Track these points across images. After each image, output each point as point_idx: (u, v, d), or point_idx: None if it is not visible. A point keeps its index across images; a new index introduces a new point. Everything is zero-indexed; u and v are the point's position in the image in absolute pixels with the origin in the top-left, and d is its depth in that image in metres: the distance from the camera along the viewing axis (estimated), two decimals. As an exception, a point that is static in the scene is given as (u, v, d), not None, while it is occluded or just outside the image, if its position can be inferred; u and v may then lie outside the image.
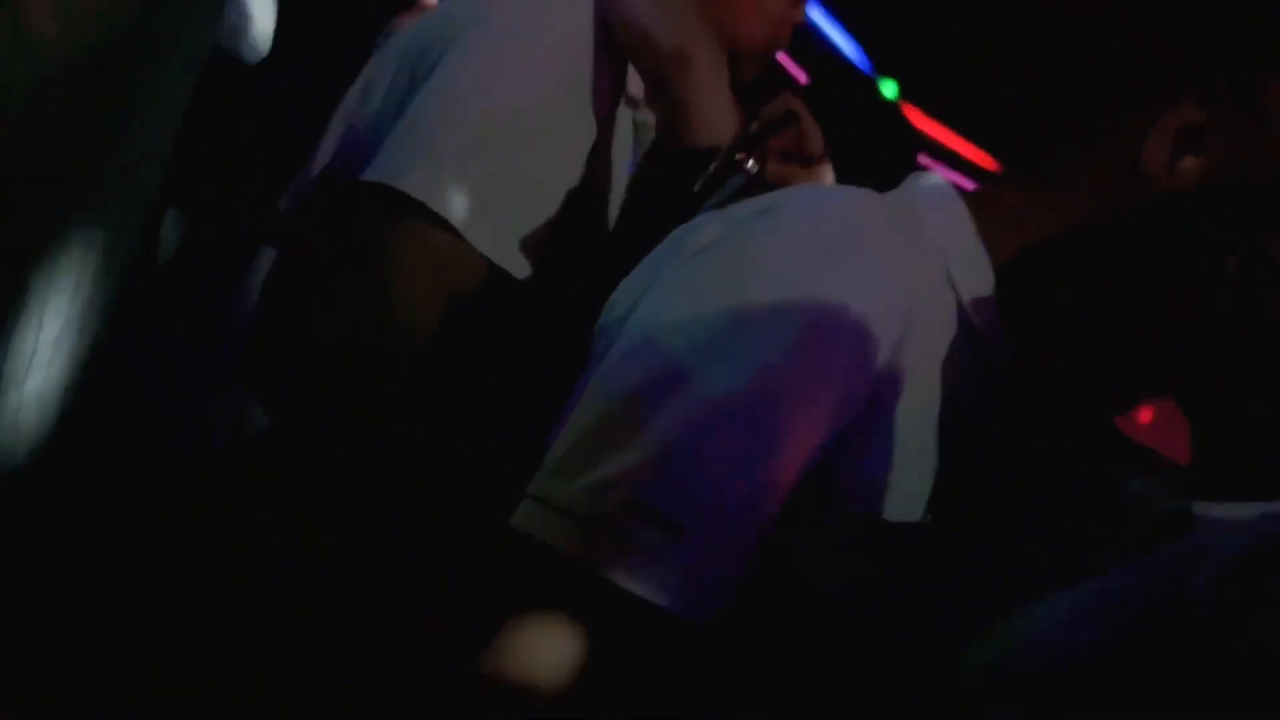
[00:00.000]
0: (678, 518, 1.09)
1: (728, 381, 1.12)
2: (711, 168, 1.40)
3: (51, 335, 1.15)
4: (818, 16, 4.35)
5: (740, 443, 1.11)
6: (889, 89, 4.69)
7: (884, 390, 1.16)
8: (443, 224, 1.43)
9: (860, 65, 4.49)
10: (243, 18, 1.92)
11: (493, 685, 1.10)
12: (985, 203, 1.24)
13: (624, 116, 1.59)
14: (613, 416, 1.13)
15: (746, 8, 1.67)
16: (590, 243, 1.56)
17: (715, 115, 1.51)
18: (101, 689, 1.35)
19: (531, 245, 1.49)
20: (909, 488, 1.20)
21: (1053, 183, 1.21)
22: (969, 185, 1.37)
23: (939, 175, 1.31)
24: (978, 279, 1.22)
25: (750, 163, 1.37)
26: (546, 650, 1.10)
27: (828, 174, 1.51)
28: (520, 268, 1.48)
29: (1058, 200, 1.21)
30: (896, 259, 1.17)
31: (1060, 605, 1.08)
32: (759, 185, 1.37)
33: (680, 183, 1.43)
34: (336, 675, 1.33)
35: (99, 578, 1.42)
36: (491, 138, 1.47)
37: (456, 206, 1.44)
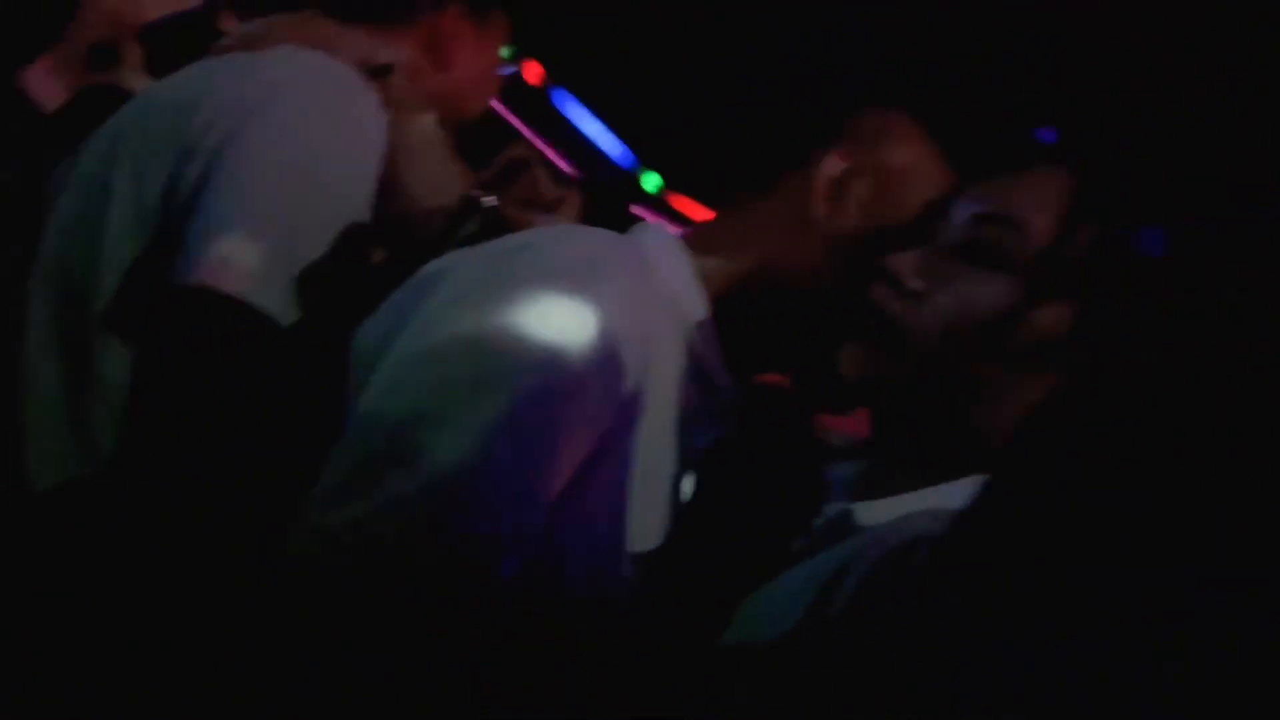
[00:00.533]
0: (451, 537, 1.18)
1: (490, 410, 1.19)
2: (456, 208, 1.51)
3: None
4: (579, 116, 4.51)
5: (505, 466, 1.20)
6: (651, 181, 4.85)
7: (629, 414, 1.28)
8: (263, 318, 1.48)
9: (621, 160, 4.65)
10: None
11: (291, 700, 1.17)
12: (698, 245, 1.42)
13: None
14: (383, 447, 1.21)
15: (474, 94, 1.81)
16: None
17: (443, 196, 1.60)
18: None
19: (317, 315, 1.54)
20: (649, 504, 1.33)
21: (748, 228, 1.41)
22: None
23: (660, 223, 1.49)
24: (697, 312, 1.38)
25: (488, 199, 1.49)
26: (339, 666, 1.17)
27: (563, 219, 1.62)
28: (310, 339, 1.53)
29: (754, 243, 1.40)
30: (637, 293, 1.30)
31: (763, 599, 1.23)
32: (498, 228, 1.48)
33: (411, 238, 1.54)
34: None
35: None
36: (298, 229, 1.51)
37: (273, 301, 1.50)
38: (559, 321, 1.23)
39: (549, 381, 1.21)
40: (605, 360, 1.23)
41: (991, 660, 0.91)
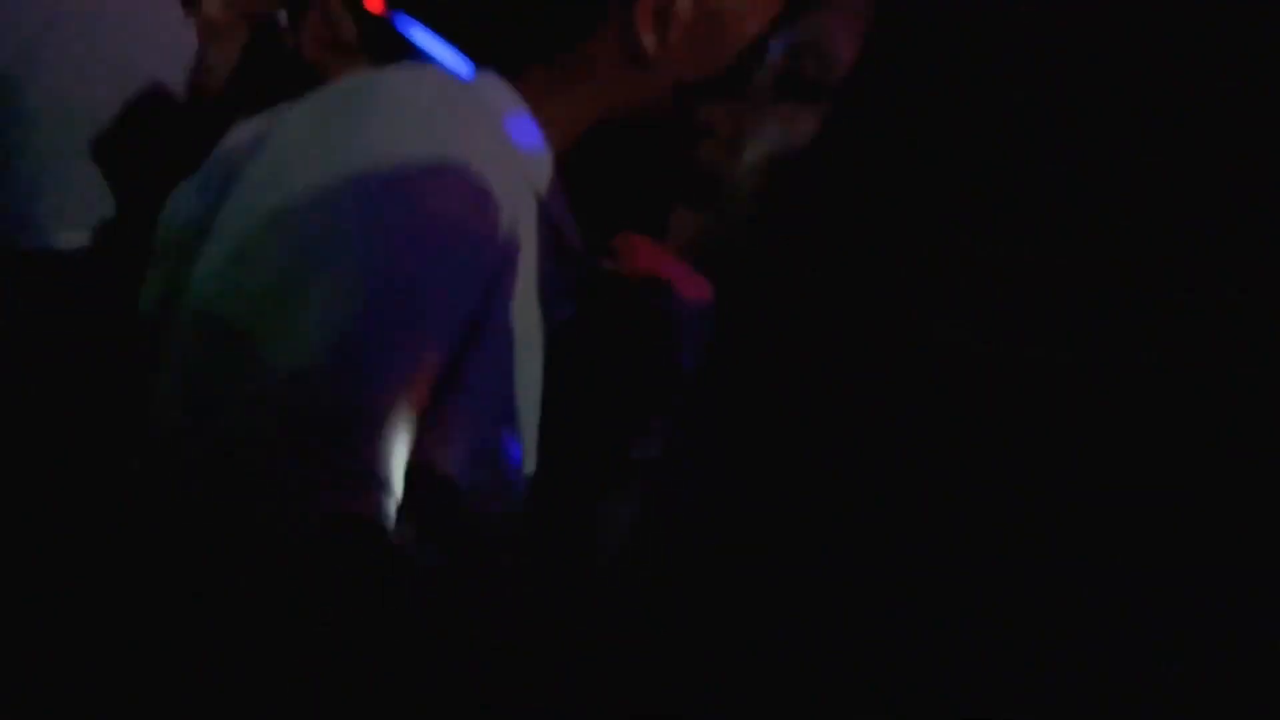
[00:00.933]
0: (318, 442, 1.02)
1: (354, 279, 1.04)
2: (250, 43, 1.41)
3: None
4: (411, 30, 4.43)
5: (377, 347, 1.05)
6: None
7: (502, 281, 1.14)
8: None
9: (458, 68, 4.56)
10: None
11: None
12: (532, 97, 1.26)
13: None
14: (229, 339, 1.05)
15: None
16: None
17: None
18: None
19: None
20: (526, 381, 1.17)
21: (580, 75, 1.26)
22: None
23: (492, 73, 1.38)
24: (544, 167, 1.24)
25: (289, 33, 1.37)
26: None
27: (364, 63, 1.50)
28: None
29: (588, 89, 1.26)
30: (495, 144, 1.16)
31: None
32: (300, 74, 1.37)
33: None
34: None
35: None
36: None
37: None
38: (424, 170, 1.07)
39: (419, 240, 1.05)
40: (476, 217, 1.08)
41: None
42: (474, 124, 1.14)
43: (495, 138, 1.16)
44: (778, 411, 0.97)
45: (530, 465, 1.14)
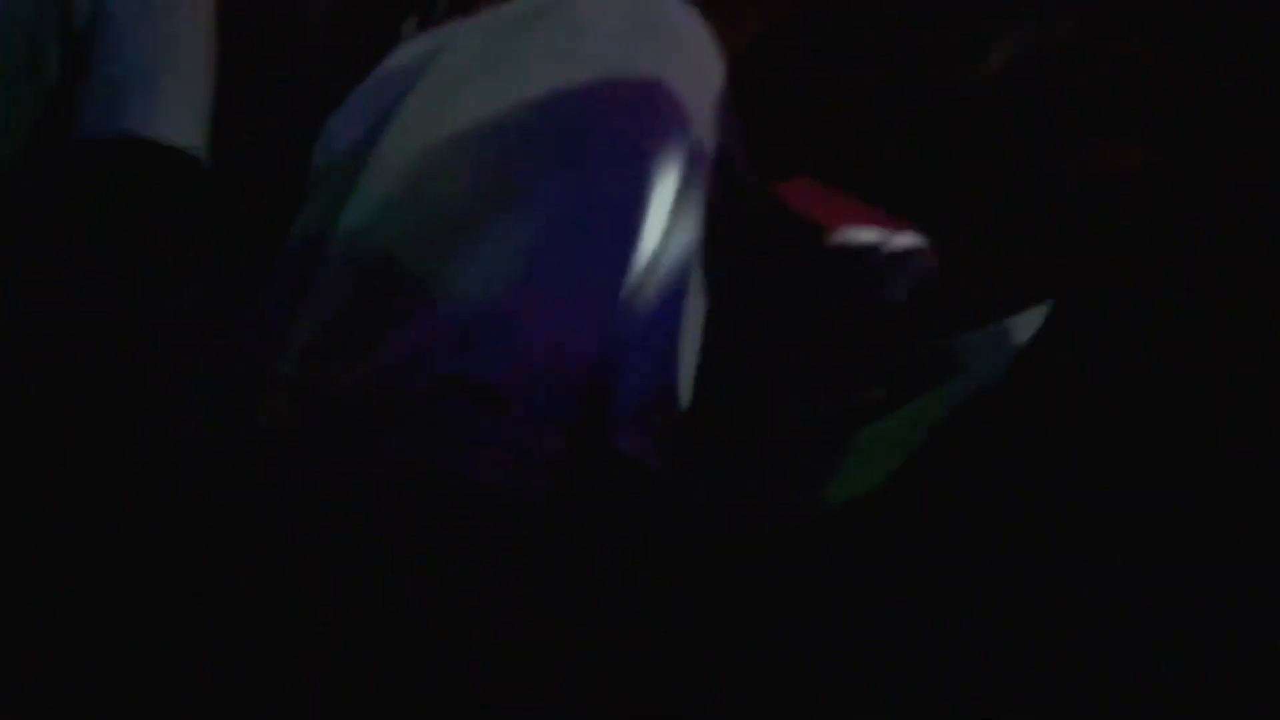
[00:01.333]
0: (498, 386, 0.95)
1: (536, 215, 0.97)
2: None
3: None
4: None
5: (567, 283, 0.97)
6: None
7: (687, 203, 1.04)
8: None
9: None
10: None
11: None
12: (710, 13, 1.15)
13: None
14: (392, 276, 0.97)
15: None
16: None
17: None
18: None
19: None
20: (691, 327, 1.07)
21: None
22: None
23: None
24: (721, 88, 1.12)
25: None
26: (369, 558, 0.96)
27: None
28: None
29: (767, 4, 1.16)
30: (689, 64, 1.08)
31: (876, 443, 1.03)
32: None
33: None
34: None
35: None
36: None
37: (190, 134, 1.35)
38: (617, 96, 1.00)
39: (613, 173, 0.98)
40: (668, 144, 1.00)
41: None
42: (661, 44, 1.06)
43: (680, 59, 1.07)
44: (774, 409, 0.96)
45: (687, 414, 1.04)
